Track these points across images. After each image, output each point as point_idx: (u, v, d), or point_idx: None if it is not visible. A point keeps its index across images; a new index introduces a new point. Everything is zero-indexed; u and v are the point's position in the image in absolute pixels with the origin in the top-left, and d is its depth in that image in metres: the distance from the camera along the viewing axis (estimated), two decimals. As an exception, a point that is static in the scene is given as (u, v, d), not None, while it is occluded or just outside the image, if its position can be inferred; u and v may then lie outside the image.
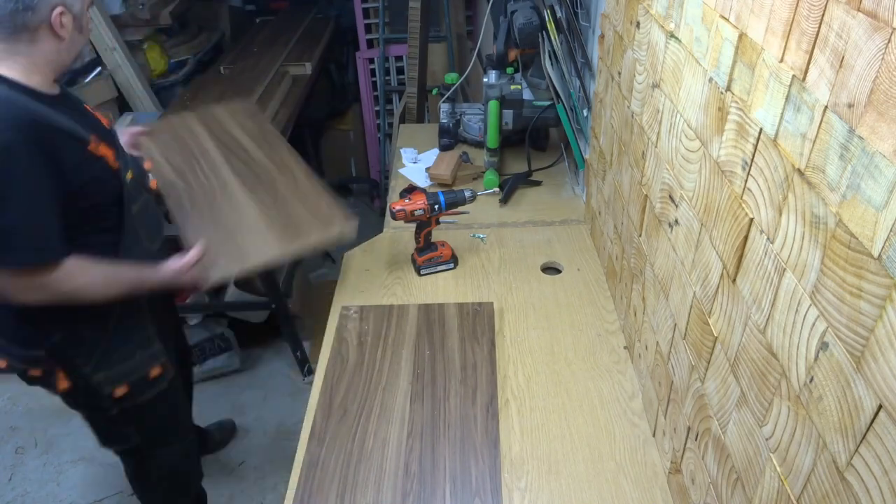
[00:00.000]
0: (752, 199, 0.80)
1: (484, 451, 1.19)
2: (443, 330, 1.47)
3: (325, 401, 1.30)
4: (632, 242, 1.38)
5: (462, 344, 1.43)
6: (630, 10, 1.31)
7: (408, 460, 1.18)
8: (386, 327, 1.48)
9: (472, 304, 1.55)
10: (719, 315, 0.91)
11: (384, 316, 1.52)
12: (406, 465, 1.17)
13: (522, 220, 1.92)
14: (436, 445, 1.20)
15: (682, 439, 1.08)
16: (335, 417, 1.27)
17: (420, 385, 1.33)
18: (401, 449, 1.20)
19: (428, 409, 1.28)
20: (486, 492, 1.12)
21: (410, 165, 2.23)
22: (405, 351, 1.42)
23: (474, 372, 1.36)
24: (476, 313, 1.51)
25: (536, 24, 1.84)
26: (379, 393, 1.32)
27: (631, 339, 1.41)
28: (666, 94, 1.11)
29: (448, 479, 1.14)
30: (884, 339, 0.56)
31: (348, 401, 1.30)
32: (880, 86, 0.55)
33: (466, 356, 1.40)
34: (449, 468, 1.16)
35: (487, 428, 1.23)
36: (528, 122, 2.01)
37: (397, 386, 1.33)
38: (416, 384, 1.33)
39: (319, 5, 4.26)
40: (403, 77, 3.57)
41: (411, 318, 1.51)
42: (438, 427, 1.24)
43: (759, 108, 0.78)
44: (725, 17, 0.86)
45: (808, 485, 0.68)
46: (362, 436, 1.22)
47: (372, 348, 1.43)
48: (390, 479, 1.14)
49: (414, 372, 1.36)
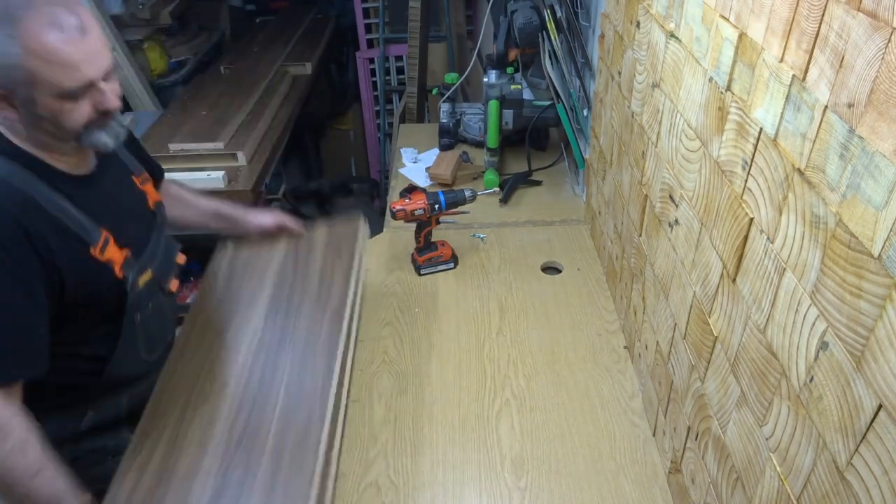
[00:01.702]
0: (752, 198, 0.80)
1: (322, 357, 1.21)
2: (308, 252, 1.47)
3: (186, 329, 1.32)
4: (632, 242, 1.38)
5: (324, 262, 1.44)
6: (630, 9, 1.31)
7: (249, 373, 1.19)
8: (255, 256, 1.48)
9: (342, 221, 1.55)
10: (719, 315, 0.91)
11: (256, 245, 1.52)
12: (248, 377, 1.19)
13: (522, 219, 1.92)
14: (278, 358, 1.22)
15: (682, 439, 1.08)
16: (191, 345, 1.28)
17: (276, 305, 1.34)
18: (245, 364, 1.21)
19: (279, 326, 1.29)
20: (316, 396, 1.13)
21: (410, 165, 2.23)
22: (269, 275, 1.42)
23: (330, 286, 1.37)
24: (343, 232, 1.51)
25: (536, 24, 1.85)
26: (236, 318, 1.33)
27: (631, 339, 1.41)
28: (666, 94, 1.11)
29: (284, 384, 1.16)
30: (884, 339, 0.56)
31: (207, 328, 1.31)
32: (880, 86, 0.55)
33: (325, 273, 1.41)
34: (288, 374, 1.18)
35: (330, 334, 1.25)
36: (528, 121, 2.01)
37: (255, 309, 1.34)
38: (272, 305, 1.34)
39: (319, 5, 4.26)
40: (403, 77, 3.57)
41: (281, 245, 1.50)
42: (285, 341, 1.25)
43: (759, 107, 0.78)
44: (725, 16, 0.86)
45: (808, 484, 0.68)
46: (213, 359, 1.24)
47: (240, 276, 1.44)
48: (229, 392, 1.16)
49: (273, 293, 1.37)
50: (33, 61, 0.92)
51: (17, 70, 0.92)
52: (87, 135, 1.02)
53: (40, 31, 0.93)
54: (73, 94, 0.97)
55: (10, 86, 0.94)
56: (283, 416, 1.11)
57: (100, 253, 1.06)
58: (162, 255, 1.24)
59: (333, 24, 4.07)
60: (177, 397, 1.16)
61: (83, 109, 0.99)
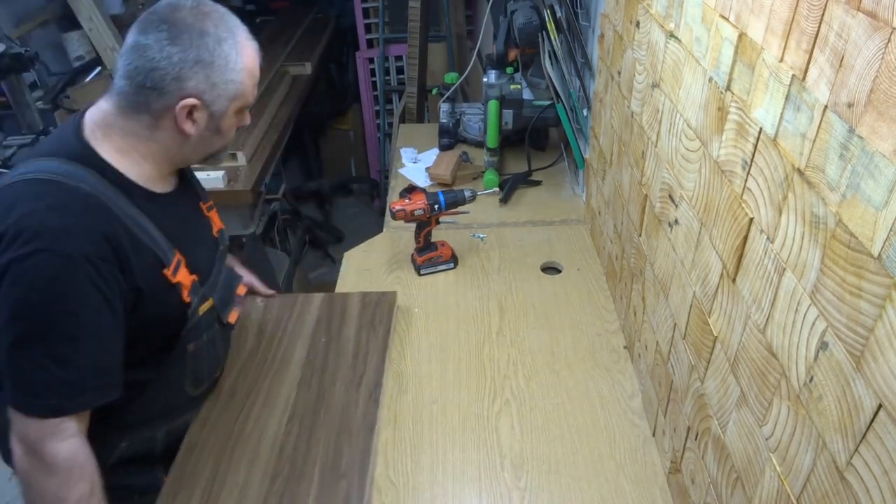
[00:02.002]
0: (751, 198, 0.80)
1: (359, 435, 1.20)
2: (342, 318, 1.47)
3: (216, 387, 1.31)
4: (632, 242, 1.38)
5: (358, 332, 1.43)
6: (630, 9, 1.31)
7: (284, 443, 1.18)
8: (288, 316, 1.48)
9: (376, 293, 1.55)
10: (719, 315, 0.91)
11: (288, 304, 1.52)
12: (281, 447, 1.18)
13: (522, 219, 1.92)
14: (314, 429, 1.21)
15: (681, 439, 1.08)
16: (222, 401, 1.27)
17: (310, 372, 1.34)
18: (278, 432, 1.21)
19: (313, 395, 1.28)
20: (354, 474, 1.13)
21: (410, 165, 2.23)
22: (301, 339, 1.42)
23: (364, 360, 1.36)
24: (377, 303, 1.51)
25: (536, 24, 1.85)
26: (268, 379, 1.32)
27: (631, 339, 1.41)
28: (666, 94, 1.11)
29: (319, 462, 1.15)
30: (883, 339, 0.56)
31: (237, 386, 1.31)
32: (880, 85, 0.55)
33: (360, 344, 1.40)
34: (322, 452, 1.17)
35: (366, 413, 1.24)
36: (527, 121, 2.01)
37: (287, 372, 1.34)
38: (306, 370, 1.34)
39: (319, 5, 4.26)
40: (403, 77, 3.57)
41: (314, 307, 1.50)
42: (319, 412, 1.24)
43: (758, 107, 0.78)
44: (725, 16, 0.86)
45: (808, 484, 0.68)
46: (244, 419, 1.23)
47: (270, 337, 1.43)
48: (263, 460, 1.15)
49: (307, 359, 1.37)
50: (244, 75, 1.00)
51: (234, 84, 0.98)
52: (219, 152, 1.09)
53: (249, 46, 1.01)
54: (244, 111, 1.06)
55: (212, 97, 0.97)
56: (319, 493, 1.10)
57: (172, 274, 1.03)
58: (223, 285, 1.20)
59: (333, 24, 4.07)
60: (204, 461, 1.16)
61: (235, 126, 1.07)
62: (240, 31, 1.00)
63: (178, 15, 0.94)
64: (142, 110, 0.96)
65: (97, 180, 0.95)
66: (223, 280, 1.21)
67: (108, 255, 0.92)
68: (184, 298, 1.06)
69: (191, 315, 1.09)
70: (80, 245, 0.89)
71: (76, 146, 0.97)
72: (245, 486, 1.11)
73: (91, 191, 0.93)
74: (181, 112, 0.96)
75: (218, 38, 0.95)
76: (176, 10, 0.95)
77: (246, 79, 1.00)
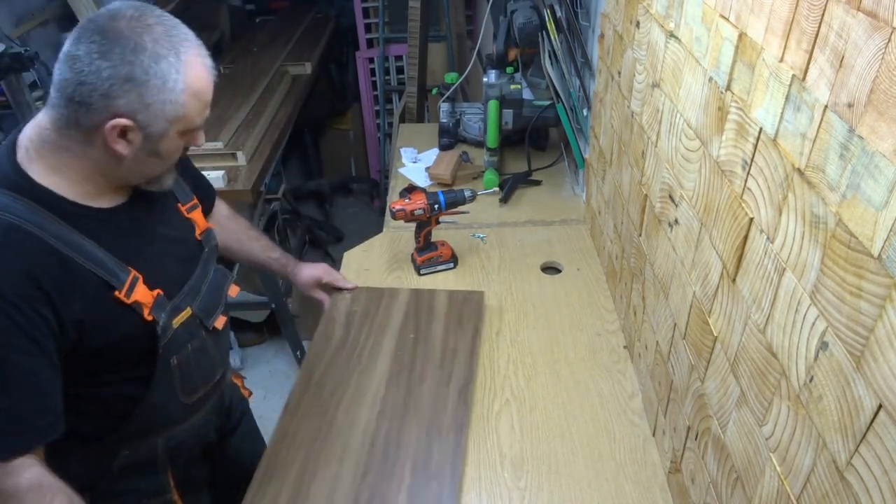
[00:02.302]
0: (751, 198, 0.80)
1: (450, 435, 1.20)
2: (430, 315, 1.48)
3: (304, 376, 1.32)
4: (632, 242, 1.38)
5: (446, 330, 1.44)
6: (630, 9, 1.31)
7: (374, 438, 1.19)
8: (374, 309, 1.49)
9: (462, 291, 1.56)
10: (719, 315, 0.91)
11: (375, 297, 1.53)
12: (372, 442, 1.18)
13: (522, 219, 1.92)
14: (403, 426, 1.21)
15: (681, 439, 1.08)
16: (311, 392, 1.28)
17: (398, 367, 1.34)
18: (368, 427, 1.21)
19: (402, 391, 1.29)
20: (445, 475, 1.13)
21: (410, 165, 2.23)
22: (389, 333, 1.43)
23: (453, 358, 1.37)
24: (465, 301, 1.52)
25: (536, 24, 1.84)
26: (357, 372, 1.33)
27: (631, 339, 1.41)
28: (666, 94, 1.11)
29: (410, 460, 1.15)
30: (884, 339, 0.56)
31: (326, 377, 1.32)
32: (880, 85, 0.55)
33: (448, 342, 1.41)
34: (413, 450, 1.17)
35: (457, 412, 1.24)
36: (527, 121, 2.01)
37: (375, 367, 1.34)
38: (394, 366, 1.34)
39: (319, 5, 4.26)
40: (403, 77, 3.57)
41: (400, 302, 1.51)
42: (409, 409, 1.25)
43: (758, 107, 0.78)
44: (725, 16, 0.86)
45: (808, 484, 0.68)
46: (333, 412, 1.24)
47: (357, 328, 1.44)
48: (353, 454, 1.16)
49: (394, 354, 1.38)
50: (186, 96, 0.90)
51: (173, 105, 0.89)
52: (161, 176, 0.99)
53: (197, 64, 0.91)
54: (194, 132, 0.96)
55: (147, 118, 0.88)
56: (410, 491, 1.10)
57: (125, 296, 0.95)
58: (208, 291, 1.12)
59: (333, 23, 4.06)
60: (295, 452, 1.17)
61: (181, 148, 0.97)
62: (186, 47, 0.90)
63: (116, 25, 0.85)
64: (71, 126, 0.88)
65: (23, 206, 0.87)
66: (208, 285, 1.13)
67: (29, 293, 0.85)
68: (145, 318, 0.98)
69: (161, 332, 1.01)
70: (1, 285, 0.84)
71: (6, 169, 0.91)
72: (336, 479, 1.12)
73: (14, 221, 0.86)
74: (111, 132, 0.87)
75: (156, 56, 0.86)
76: (114, 19, 0.86)
77: (189, 100, 0.90)
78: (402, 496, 1.09)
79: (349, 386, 1.30)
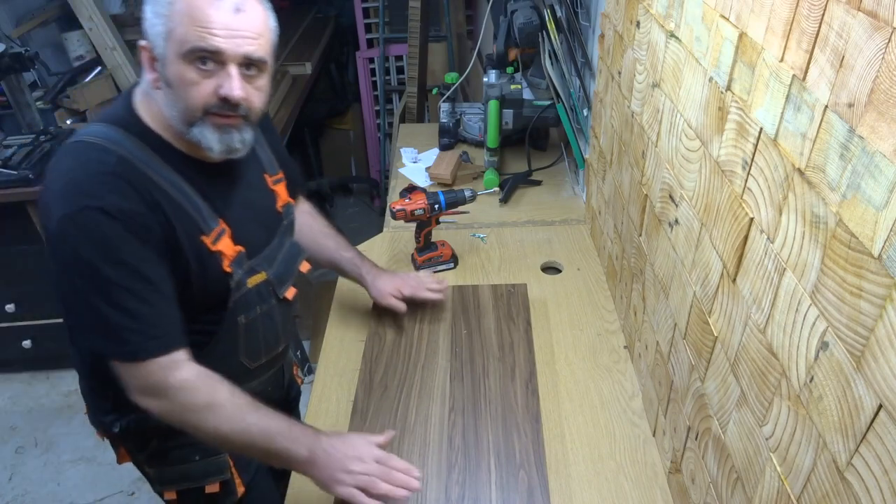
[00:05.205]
0: (752, 198, 0.80)
1: (526, 426, 1.21)
2: (478, 310, 1.49)
3: (365, 378, 1.32)
4: (632, 242, 1.38)
5: (498, 324, 1.45)
6: (630, 9, 1.31)
7: (451, 434, 1.19)
8: (420, 306, 1.49)
9: (506, 285, 1.57)
10: (719, 315, 0.91)
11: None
12: (450, 438, 1.19)
13: (522, 219, 1.92)
14: (478, 421, 1.22)
15: (682, 439, 1.08)
16: (376, 394, 1.28)
17: (458, 363, 1.35)
18: (443, 424, 1.21)
19: (468, 386, 1.29)
20: (531, 465, 1.14)
21: (410, 165, 2.23)
22: (442, 330, 1.44)
23: (512, 351, 1.38)
24: (510, 294, 1.54)
25: (536, 24, 1.84)
26: (418, 370, 1.34)
27: (631, 339, 1.41)
28: (666, 94, 1.11)
29: (492, 453, 1.16)
30: (884, 339, 0.56)
31: (388, 378, 1.32)
32: (880, 85, 0.55)
33: (503, 336, 1.42)
34: (492, 442, 1.18)
35: (528, 404, 1.25)
36: (528, 121, 2.01)
37: (436, 364, 1.35)
38: (454, 362, 1.35)
39: (319, 5, 4.26)
40: (403, 77, 3.58)
41: (446, 299, 1.52)
42: (479, 403, 1.25)
43: (759, 107, 0.78)
44: (725, 16, 0.86)
45: (808, 484, 0.68)
46: (404, 411, 1.24)
47: (409, 327, 1.45)
48: (434, 452, 1.16)
49: (452, 350, 1.38)
50: (176, 9, 0.89)
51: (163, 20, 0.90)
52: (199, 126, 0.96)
53: None
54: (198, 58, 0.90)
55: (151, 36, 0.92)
56: (500, 483, 1.11)
57: (212, 243, 1.02)
58: (282, 260, 1.17)
59: (333, 23, 4.07)
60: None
61: (204, 89, 0.92)
62: None
63: None
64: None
65: (134, 145, 0.96)
66: (283, 255, 1.18)
67: (143, 210, 0.93)
68: (224, 268, 1.04)
69: (234, 287, 1.06)
70: (117, 201, 0.91)
71: (123, 112, 0.99)
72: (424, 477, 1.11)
73: (125, 155, 0.94)
74: (144, 60, 0.94)
75: None
76: None
77: (178, 15, 0.89)
78: (493, 490, 1.10)
79: (414, 385, 1.30)
